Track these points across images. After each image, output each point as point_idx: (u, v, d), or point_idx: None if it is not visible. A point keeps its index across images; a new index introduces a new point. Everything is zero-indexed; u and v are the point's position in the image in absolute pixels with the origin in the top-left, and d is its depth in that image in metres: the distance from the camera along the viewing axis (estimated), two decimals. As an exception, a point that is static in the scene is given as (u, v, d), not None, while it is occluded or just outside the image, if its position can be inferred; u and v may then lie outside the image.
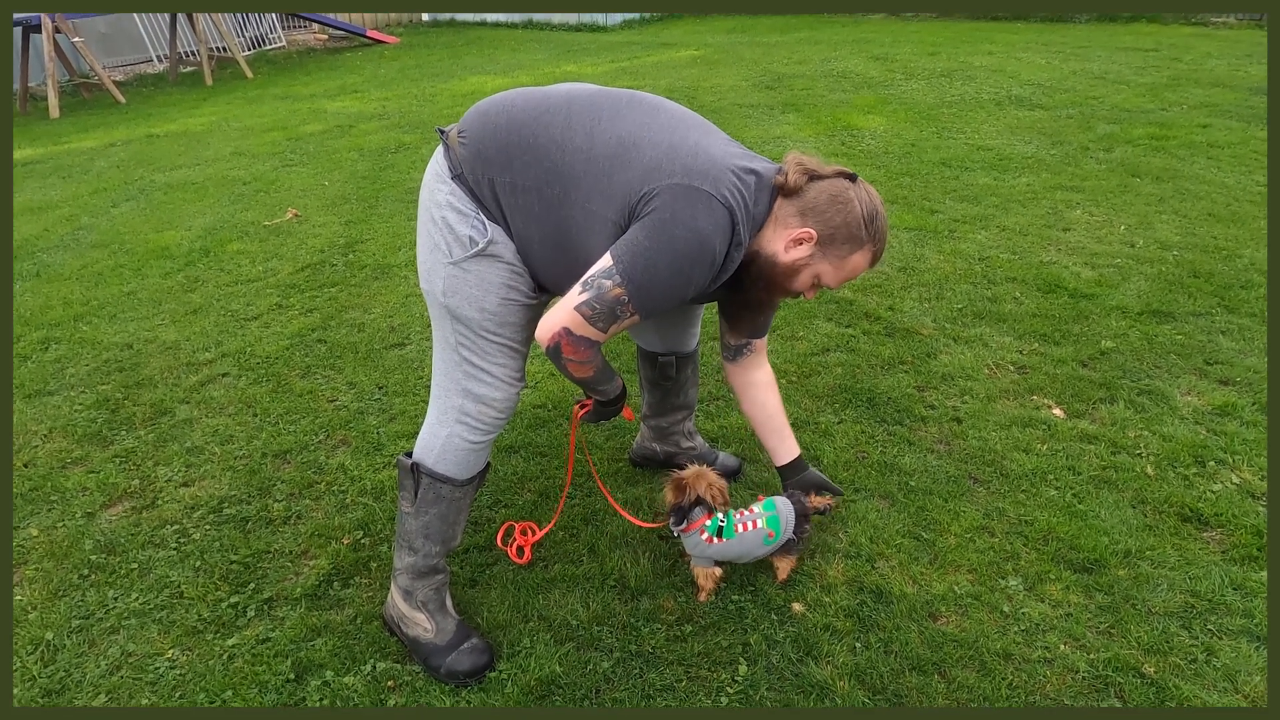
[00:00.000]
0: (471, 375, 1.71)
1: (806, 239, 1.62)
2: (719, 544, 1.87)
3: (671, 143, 1.54)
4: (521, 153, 1.58)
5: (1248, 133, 5.40)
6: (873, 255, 1.69)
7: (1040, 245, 3.83)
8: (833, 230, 1.62)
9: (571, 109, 1.59)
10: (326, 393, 2.92)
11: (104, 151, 6.60)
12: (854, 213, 1.62)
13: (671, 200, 1.49)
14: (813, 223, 1.61)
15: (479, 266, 1.63)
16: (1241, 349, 2.90)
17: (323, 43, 12.11)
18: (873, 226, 1.65)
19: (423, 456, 1.76)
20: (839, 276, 1.70)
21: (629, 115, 1.58)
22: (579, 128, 1.56)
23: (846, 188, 1.64)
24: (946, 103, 6.59)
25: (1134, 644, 1.79)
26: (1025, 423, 2.55)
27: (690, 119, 1.64)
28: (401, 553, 1.83)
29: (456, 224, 1.62)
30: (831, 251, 1.65)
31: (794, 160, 1.63)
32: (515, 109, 1.61)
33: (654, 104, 1.64)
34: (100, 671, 1.83)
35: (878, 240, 1.67)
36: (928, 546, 2.08)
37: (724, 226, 1.53)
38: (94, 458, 2.61)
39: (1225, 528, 2.10)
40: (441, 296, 1.67)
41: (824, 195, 1.62)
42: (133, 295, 3.81)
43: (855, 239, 1.64)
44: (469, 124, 1.64)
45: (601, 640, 1.85)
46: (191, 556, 2.16)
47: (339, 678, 1.79)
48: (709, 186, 1.50)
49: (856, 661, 1.77)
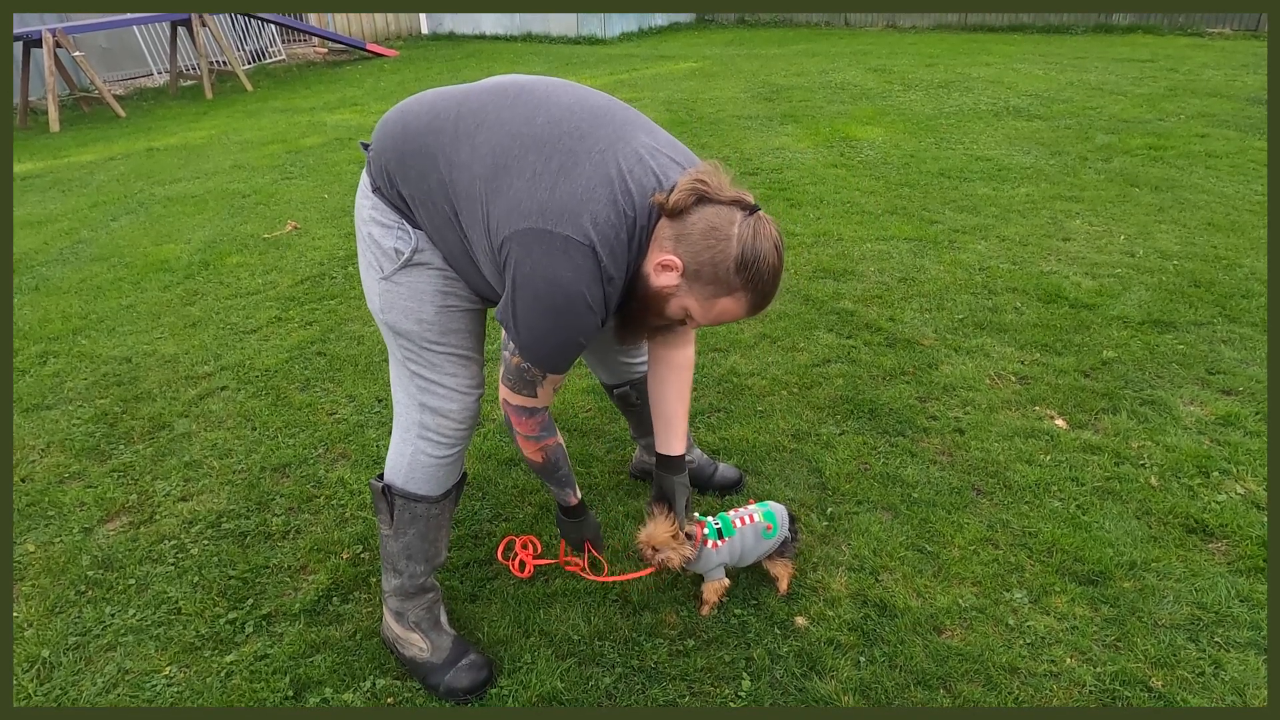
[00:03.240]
0: (424, 389, 1.66)
1: (673, 267, 1.43)
2: (724, 544, 1.85)
3: (536, 168, 1.39)
4: (416, 162, 1.50)
5: (1245, 142, 5.41)
6: (748, 304, 1.47)
7: (1040, 255, 3.83)
8: (699, 266, 1.42)
9: (461, 114, 1.48)
10: (326, 406, 2.91)
11: (104, 165, 6.60)
12: (726, 252, 1.40)
13: (526, 252, 1.37)
14: (683, 251, 1.42)
15: (409, 277, 1.58)
16: (1244, 358, 2.89)
17: (322, 56, 12.15)
18: (748, 272, 1.41)
19: (393, 477, 1.73)
20: (707, 316, 1.50)
21: (509, 121, 1.44)
22: (464, 138, 1.46)
23: (731, 222, 1.40)
24: (945, 113, 6.61)
25: (1140, 657, 1.77)
26: (1028, 433, 2.54)
27: (571, 119, 1.44)
28: (388, 575, 1.81)
29: (381, 238, 1.57)
30: (697, 288, 1.45)
31: (691, 176, 1.41)
32: (410, 115, 1.54)
33: (539, 101, 1.47)
34: (97, 689, 1.81)
35: (754, 289, 1.44)
36: (931, 559, 2.07)
37: (588, 268, 1.38)
38: (92, 472, 2.59)
39: (1230, 539, 2.09)
40: (380, 314, 1.63)
41: (701, 225, 1.40)
42: (132, 309, 3.81)
43: (723, 281, 1.43)
44: (376, 133, 1.58)
45: (603, 655, 1.83)
46: (189, 572, 2.15)
47: (338, 695, 1.77)
48: (566, 228, 1.36)
49: (861, 676, 1.75)
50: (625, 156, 1.42)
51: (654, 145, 1.48)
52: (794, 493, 2.33)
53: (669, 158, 1.48)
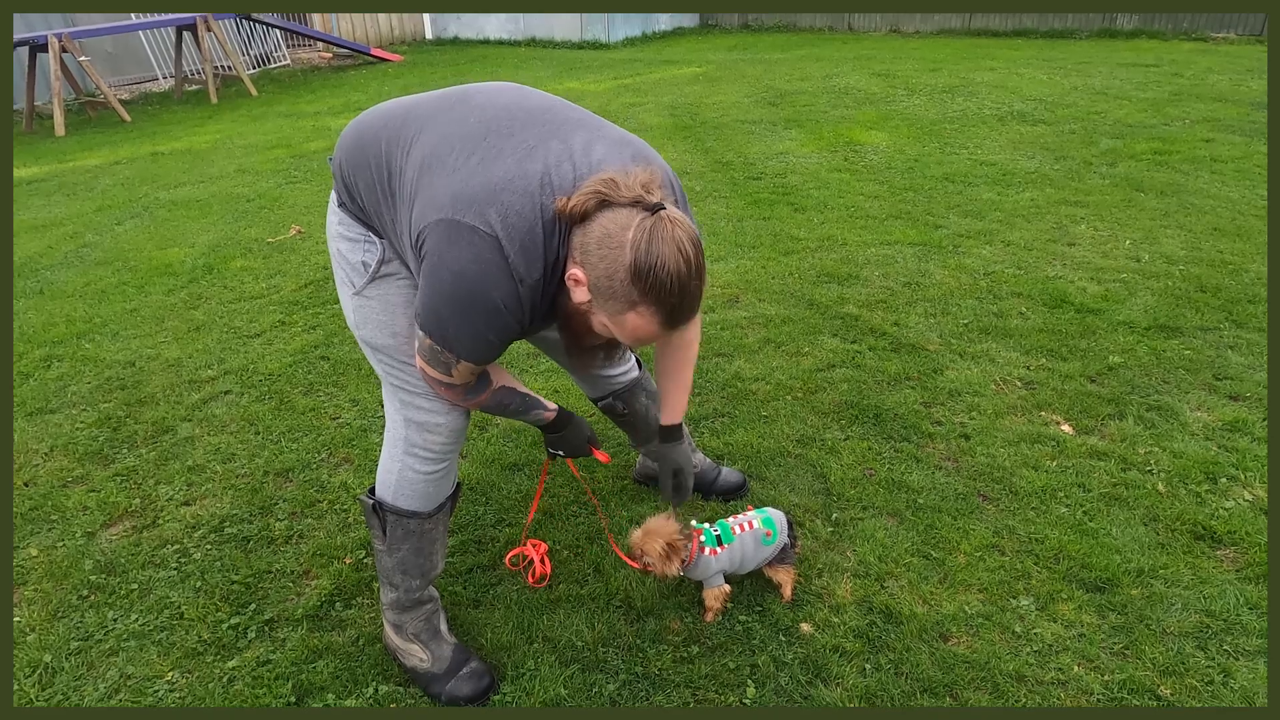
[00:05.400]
0: (408, 404, 1.61)
1: (581, 281, 1.30)
2: (723, 551, 1.84)
3: (457, 164, 1.33)
4: (365, 173, 1.47)
5: (1250, 147, 5.40)
6: (657, 319, 1.29)
7: (1045, 260, 3.82)
8: (598, 278, 1.27)
9: (406, 121, 1.45)
10: (329, 410, 2.91)
11: (108, 169, 6.62)
12: (619, 261, 1.24)
13: (435, 242, 1.31)
14: (587, 263, 1.28)
15: (380, 290, 1.55)
16: (1250, 364, 2.87)
17: (327, 61, 12.18)
18: (645, 282, 1.24)
19: (383, 493, 1.70)
20: (624, 336, 1.35)
21: (443, 124, 1.40)
22: (404, 145, 1.42)
23: (626, 227, 1.24)
24: (949, 118, 6.61)
25: (1149, 665, 1.76)
26: (1034, 439, 2.53)
27: (503, 117, 1.38)
28: (385, 589, 1.80)
29: (349, 252, 1.55)
30: (603, 303, 1.30)
31: (597, 178, 1.28)
32: (363, 125, 1.52)
33: (479, 103, 1.42)
34: (99, 694, 1.80)
35: (658, 300, 1.26)
36: (937, 565, 2.06)
37: (492, 261, 1.28)
38: (95, 476, 2.59)
39: (1239, 545, 2.07)
40: (356, 330, 1.61)
41: (597, 233, 1.26)
42: (136, 312, 3.81)
43: (621, 296, 1.26)
44: (336, 146, 1.56)
45: (607, 662, 1.82)
46: (192, 577, 2.14)
47: (340, 701, 1.76)
48: (472, 217, 1.27)
49: (867, 683, 1.74)
50: (554, 153, 1.33)
51: (590, 144, 1.36)
52: (799, 498, 2.31)
53: (605, 155, 1.36)
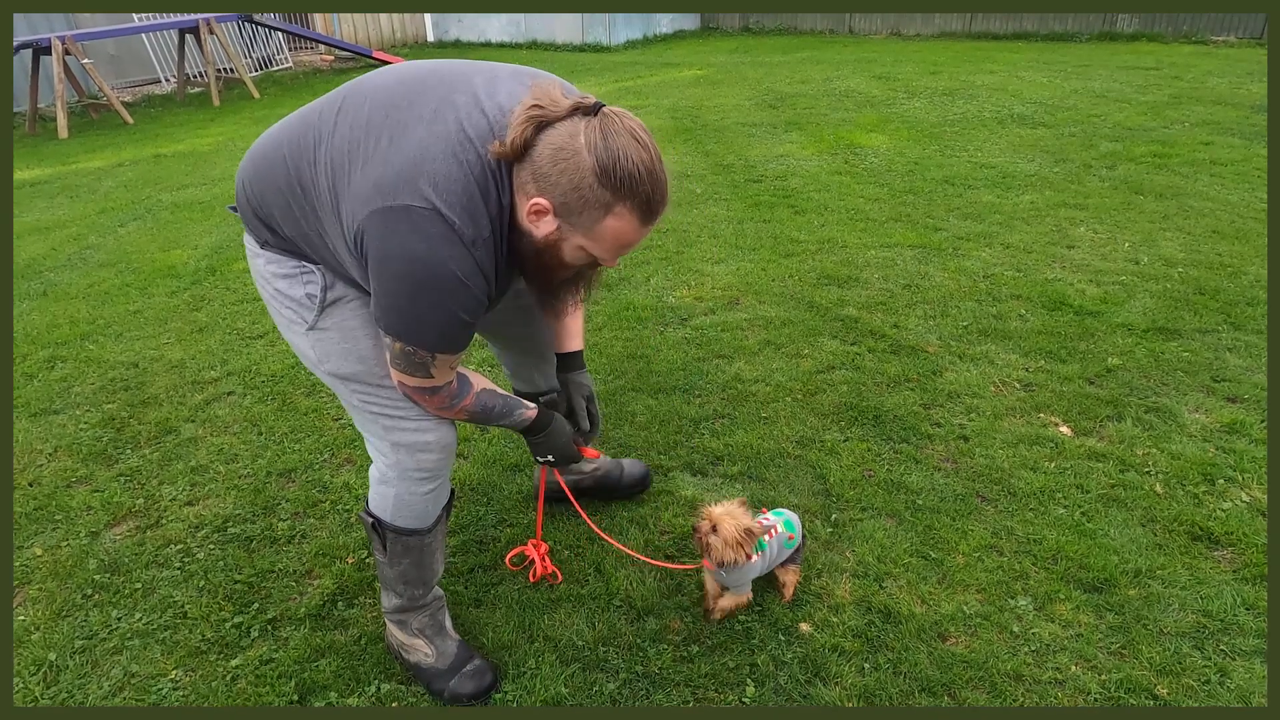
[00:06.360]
0: (393, 428, 1.56)
1: (544, 210, 1.28)
2: (757, 558, 1.83)
3: (368, 153, 1.30)
4: (279, 199, 1.42)
5: (1250, 150, 5.41)
6: (636, 216, 1.27)
7: (1045, 262, 3.83)
8: (564, 197, 1.25)
9: (304, 132, 1.40)
10: (331, 411, 2.92)
11: (111, 171, 6.64)
12: (581, 168, 1.22)
13: (374, 235, 1.27)
14: (545, 189, 1.26)
15: (334, 319, 1.51)
16: (1249, 366, 2.88)
17: (329, 63, 12.22)
18: (615, 177, 1.22)
19: (380, 514, 1.68)
20: (605, 250, 1.33)
21: (340, 125, 1.36)
22: (309, 154, 1.38)
23: (574, 134, 1.22)
24: (949, 121, 6.62)
25: (1146, 665, 1.77)
26: (1032, 440, 2.54)
27: (395, 94, 1.35)
28: (387, 595, 1.81)
29: (289, 289, 1.50)
30: (577, 222, 1.28)
31: (524, 107, 1.25)
32: (258, 158, 1.46)
33: (364, 95, 1.39)
34: (103, 693, 1.82)
35: (631, 195, 1.24)
36: (936, 566, 2.07)
37: (440, 234, 1.25)
38: (99, 476, 2.60)
39: (1236, 546, 2.08)
40: (319, 367, 1.55)
41: (547, 152, 1.24)
42: (139, 314, 3.83)
43: (593, 202, 1.24)
44: (236, 190, 1.51)
45: (608, 661, 1.84)
46: (195, 576, 2.16)
47: (343, 699, 1.77)
48: (404, 197, 1.24)
49: (865, 683, 1.75)
50: (460, 106, 1.30)
51: (491, 86, 1.34)
52: (798, 499, 2.33)
53: (511, 90, 1.34)
